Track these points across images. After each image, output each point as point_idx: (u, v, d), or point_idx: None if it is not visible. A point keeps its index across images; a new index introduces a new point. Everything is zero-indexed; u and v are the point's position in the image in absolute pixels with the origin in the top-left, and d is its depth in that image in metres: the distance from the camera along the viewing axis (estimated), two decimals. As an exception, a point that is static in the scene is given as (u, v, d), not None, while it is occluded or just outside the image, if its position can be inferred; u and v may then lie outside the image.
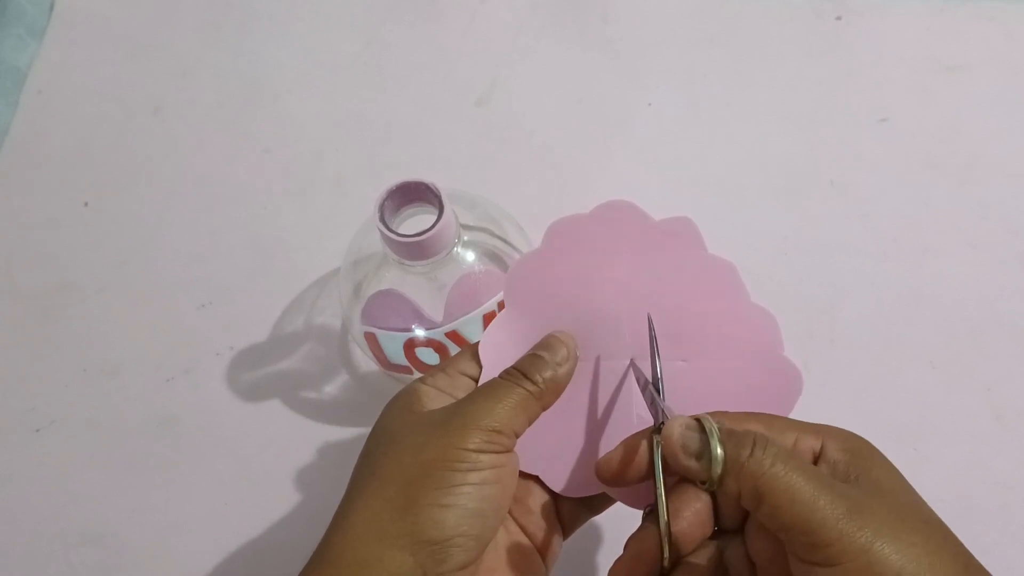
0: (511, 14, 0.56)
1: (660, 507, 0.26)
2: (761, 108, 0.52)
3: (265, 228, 0.50)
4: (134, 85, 0.55)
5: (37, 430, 0.45)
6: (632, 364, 0.31)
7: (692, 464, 0.26)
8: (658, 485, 0.27)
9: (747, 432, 0.26)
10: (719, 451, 0.25)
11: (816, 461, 0.27)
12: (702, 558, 0.27)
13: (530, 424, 0.29)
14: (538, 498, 0.32)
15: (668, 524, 0.26)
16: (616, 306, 0.31)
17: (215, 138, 0.53)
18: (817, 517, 0.23)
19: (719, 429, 0.26)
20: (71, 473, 0.44)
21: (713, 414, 0.28)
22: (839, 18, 0.54)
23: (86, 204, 0.51)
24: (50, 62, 0.56)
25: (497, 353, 0.31)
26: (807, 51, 0.54)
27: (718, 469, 0.25)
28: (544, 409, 0.30)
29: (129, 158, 0.53)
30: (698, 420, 0.26)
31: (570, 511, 0.32)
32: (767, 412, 0.28)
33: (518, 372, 0.29)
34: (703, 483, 0.26)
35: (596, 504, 0.33)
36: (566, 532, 0.32)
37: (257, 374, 0.46)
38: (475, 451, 0.27)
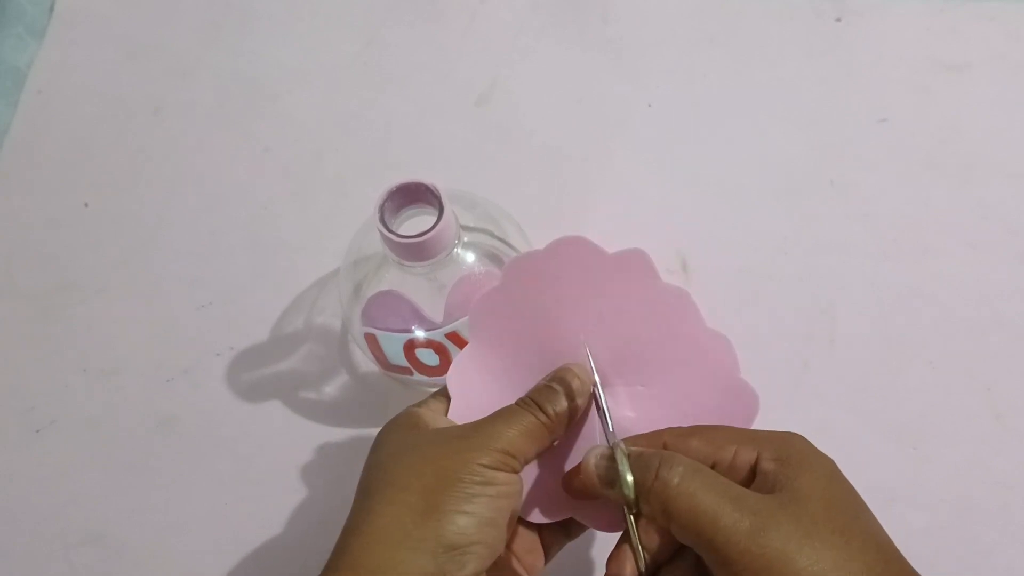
0: (511, 14, 0.56)
1: (629, 523, 0.28)
2: (761, 108, 0.52)
3: (265, 228, 0.50)
4: (134, 85, 0.55)
5: (37, 430, 0.45)
6: (594, 391, 0.32)
7: (608, 492, 0.27)
8: (625, 503, 0.28)
9: (655, 453, 0.27)
10: (628, 477, 0.26)
11: (753, 473, 0.27)
12: (680, 565, 0.28)
13: (538, 453, 0.30)
14: (523, 522, 0.33)
15: (639, 539, 0.28)
16: (576, 338, 0.32)
17: (215, 138, 0.53)
18: (720, 537, 0.24)
19: (628, 455, 0.27)
20: (71, 473, 0.44)
21: (659, 431, 0.29)
22: (839, 19, 0.54)
23: (86, 204, 0.51)
24: (50, 62, 0.56)
25: (464, 384, 0.32)
26: (807, 51, 0.54)
27: (630, 493, 0.26)
28: (553, 440, 0.31)
29: (129, 158, 0.53)
30: (613, 448, 0.28)
31: (549, 535, 0.33)
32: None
33: (533, 403, 0.30)
34: (628, 508, 0.27)
35: (573, 529, 0.33)
36: (547, 557, 0.33)
37: (257, 374, 0.46)
38: (489, 467, 0.27)
